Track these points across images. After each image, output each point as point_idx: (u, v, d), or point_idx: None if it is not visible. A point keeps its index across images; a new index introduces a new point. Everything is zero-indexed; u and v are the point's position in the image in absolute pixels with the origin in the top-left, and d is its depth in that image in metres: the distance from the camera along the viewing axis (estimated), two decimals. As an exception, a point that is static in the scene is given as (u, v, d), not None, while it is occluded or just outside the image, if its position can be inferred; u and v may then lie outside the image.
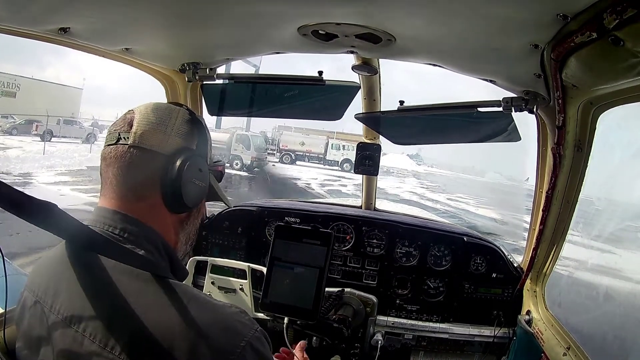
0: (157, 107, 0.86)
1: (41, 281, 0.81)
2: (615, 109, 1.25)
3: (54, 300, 0.76)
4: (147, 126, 0.82)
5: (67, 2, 1.00)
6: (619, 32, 0.76)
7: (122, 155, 0.80)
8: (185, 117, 0.87)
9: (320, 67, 1.58)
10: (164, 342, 0.67)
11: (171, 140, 0.83)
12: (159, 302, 0.70)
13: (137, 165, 0.80)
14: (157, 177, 0.81)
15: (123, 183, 0.81)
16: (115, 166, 0.80)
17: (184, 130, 0.85)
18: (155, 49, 1.45)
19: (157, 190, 0.82)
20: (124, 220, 0.80)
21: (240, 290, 1.85)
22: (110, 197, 0.82)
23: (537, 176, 1.72)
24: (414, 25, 1.10)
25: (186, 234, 0.90)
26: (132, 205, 0.81)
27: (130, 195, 0.81)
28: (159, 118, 0.83)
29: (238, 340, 0.70)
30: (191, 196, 0.84)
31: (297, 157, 26.93)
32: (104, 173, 0.83)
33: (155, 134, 0.82)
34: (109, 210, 0.81)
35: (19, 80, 26.08)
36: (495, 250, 2.01)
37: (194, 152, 0.85)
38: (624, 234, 4.76)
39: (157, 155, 0.81)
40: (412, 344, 1.98)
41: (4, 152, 15.44)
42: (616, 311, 3.05)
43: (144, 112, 0.84)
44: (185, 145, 0.84)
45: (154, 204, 0.82)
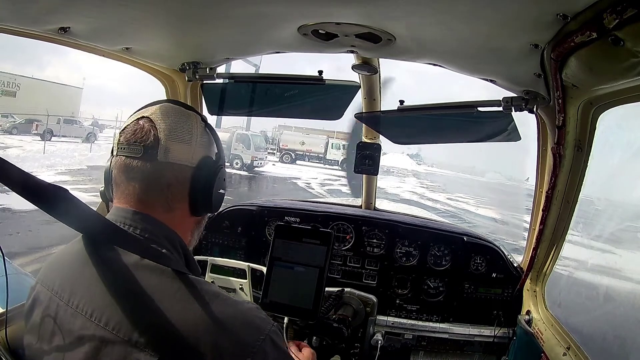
0: (173, 113, 0.86)
1: (56, 276, 0.81)
2: (615, 109, 1.25)
3: (72, 296, 0.76)
4: (171, 139, 0.83)
5: (67, 2, 1.00)
6: (619, 32, 0.76)
7: (149, 171, 0.81)
8: (202, 125, 0.89)
9: (320, 67, 1.58)
10: (188, 336, 0.68)
11: (196, 151, 0.86)
12: (183, 297, 0.71)
13: (166, 179, 0.82)
14: (186, 188, 0.84)
15: (151, 196, 0.82)
16: (143, 182, 0.82)
17: (205, 140, 0.88)
18: (155, 48, 1.45)
19: (185, 201, 0.85)
20: (144, 220, 0.81)
21: (240, 290, 1.85)
22: (132, 203, 0.82)
23: (537, 176, 1.72)
24: (414, 25, 1.10)
25: (198, 233, 0.95)
26: (159, 214, 0.83)
27: (158, 206, 0.83)
28: (181, 128, 0.84)
29: (258, 334, 0.73)
30: (217, 203, 0.90)
31: (297, 157, 26.94)
32: (122, 184, 0.83)
33: (181, 147, 0.83)
34: (129, 211, 0.82)
35: (19, 80, 26.07)
36: (495, 250, 2.01)
37: (217, 163, 0.89)
38: (624, 234, 4.75)
39: (186, 168, 0.84)
40: (412, 343, 1.98)
41: (4, 151, 15.42)
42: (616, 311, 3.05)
43: (163, 122, 0.83)
44: (207, 154, 0.88)
45: (182, 213, 0.86)
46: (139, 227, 0.80)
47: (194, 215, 0.88)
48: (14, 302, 1.04)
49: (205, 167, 0.86)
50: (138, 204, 0.82)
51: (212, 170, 0.87)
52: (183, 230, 0.88)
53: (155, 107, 0.86)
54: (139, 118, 0.84)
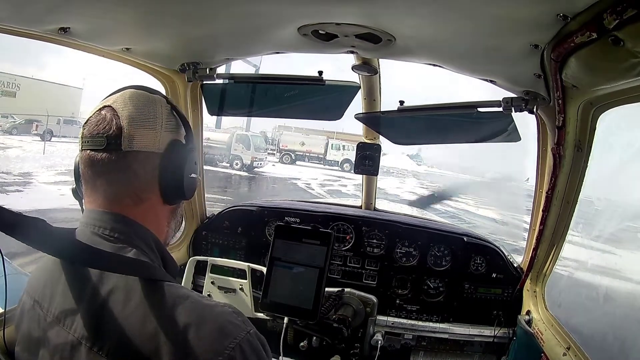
0: (138, 99, 0.81)
1: (38, 285, 0.81)
2: (615, 109, 1.25)
3: (50, 304, 0.76)
4: (137, 127, 0.78)
5: (67, 2, 1.00)
6: (619, 32, 0.76)
7: (115, 162, 0.77)
8: (168, 108, 0.85)
9: (320, 67, 1.58)
10: (149, 341, 0.65)
11: (162, 136, 0.81)
12: (147, 301, 0.69)
13: (133, 169, 0.78)
14: (155, 177, 0.80)
15: (119, 190, 0.79)
16: (110, 175, 0.78)
17: (171, 124, 0.84)
18: (155, 48, 1.45)
19: (155, 189, 0.81)
20: (113, 220, 0.78)
21: (240, 290, 1.85)
22: (100, 202, 0.79)
23: (537, 176, 1.72)
24: (414, 25, 1.10)
25: (176, 221, 0.91)
26: (129, 209, 0.79)
27: (128, 200, 0.79)
28: (146, 114, 0.80)
29: (228, 341, 0.66)
30: (189, 189, 0.86)
31: (297, 157, 26.91)
32: (90, 179, 0.79)
33: (146, 134, 0.79)
34: (98, 212, 0.79)
35: (19, 80, 26.05)
36: (495, 250, 2.01)
37: (186, 146, 0.84)
38: (624, 235, 4.75)
39: (152, 155, 0.80)
40: (412, 344, 1.98)
41: (4, 151, 15.44)
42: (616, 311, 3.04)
43: (126, 109, 0.79)
44: (175, 138, 0.83)
45: (153, 203, 0.82)
46: (108, 227, 0.77)
47: (167, 204, 0.84)
48: (14, 303, 1.04)
49: (174, 151, 0.82)
50: (107, 202, 0.79)
51: (181, 154, 0.83)
52: (157, 223, 0.84)
53: (117, 95, 0.82)
54: (101, 108, 0.80)
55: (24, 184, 10.91)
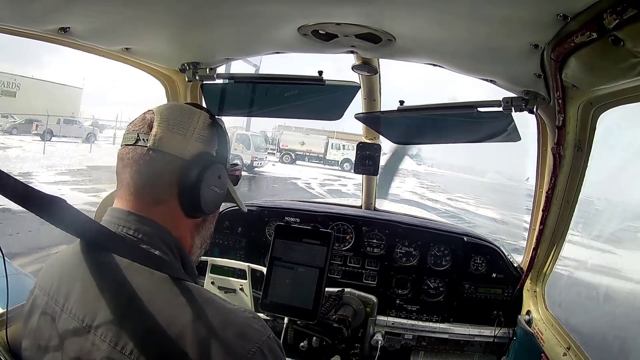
0: (178, 108, 0.86)
1: (53, 280, 0.80)
2: (615, 109, 1.25)
3: (67, 300, 0.75)
4: (167, 129, 0.81)
5: (67, 2, 1.00)
6: (619, 32, 0.76)
7: (140, 158, 0.80)
8: (207, 121, 0.87)
9: (320, 67, 1.58)
10: (175, 341, 0.67)
11: (191, 144, 0.82)
12: (173, 301, 0.70)
13: (155, 168, 0.80)
14: (175, 182, 0.81)
15: (141, 186, 0.80)
16: (133, 168, 0.80)
17: (205, 135, 0.85)
18: (155, 48, 1.45)
19: (174, 195, 0.81)
20: (138, 221, 0.79)
21: (240, 290, 1.85)
22: (126, 199, 0.81)
23: (537, 176, 1.72)
24: (414, 25, 1.10)
25: (201, 237, 0.90)
26: (149, 208, 0.81)
27: (147, 198, 0.81)
28: (180, 121, 0.83)
29: (250, 345, 0.69)
30: (209, 202, 0.84)
31: (297, 157, 26.92)
32: (120, 173, 0.82)
33: (175, 138, 0.81)
34: (123, 211, 0.81)
35: (19, 80, 26.03)
36: (495, 250, 2.01)
37: (214, 159, 0.86)
38: (624, 234, 4.75)
39: (176, 159, 0.81)
40: (412, 344, 1.98)
41: (4, 151, 15.44)
42: (616, 311, 3.05)
43: (164, 114, 0.83)
44: (205, 150, 0.84)
45: (171, 208, 0.82)
46: (132, 227, 0.79)
47: (188, 216, 0.84)
48: (14, 303, 1.04)
49: (199, 161, 0.82)
50: (131, 200, 0.81)
51: (205, 165, 0.82)
52: (180, 232, 0.84)
53: (165, 104, 0.87)
54: (146, 112, 0.85)
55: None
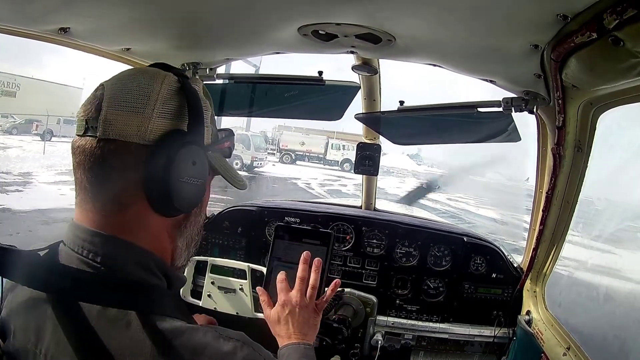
0: (131, 77, 0.65)
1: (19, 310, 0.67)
2: (615, 109, 1.25)
3: (39, 341, 0.63)
4: (119, 108, 0.62)
5: (67, 2, 1.00)
6: (619, 32, 0.76)
7: (91, 153, 0.62)
8: (172, 87, 0.66)
9: (320, 67, 1.58)
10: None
11: (153, 123, 0.63)
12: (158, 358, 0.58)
13: (111, 164, 0.62)
14: (139, 177, 0.62)
15: (98, 189, 0.63)
16: (87, 167, 0.62)
17: (170, 107, 0.65)
18: (155, 49, 1.45)
19: (140, 194, 0.63)
20: (106, 244, 0.63)
21: (240, 291, 1.85)
22: (88, 210, 0.65)
23: (537, 176, 1.72)
24: (414, 25, 1.10)
25: (185, 238, 0.73)
26: (113, 219, 0.64)
27: (109, 206, 0.64)
28: (135, 94, 0.63)
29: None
30: (184, 199, 0.66)
31: (297, 157, 26.93)
32: (76, 172, 0.64)
33: (130, 118, 0.62)
34: (88, 231, 0.64)
35: (19, 80, 26.06)
36: (495, 250, 2.01)
37: (185, 138, 0.65)
38: (624, 234, 4.75)
39: (137, 147, 0.62)
40: (412, 344, 1.98)
41: (4, 151, 15.44)
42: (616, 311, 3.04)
43: (114, 88, 0.64)
44: (173, 128, 0.64)
45: (139, 212, 0.64)
46: (99, 252, 0.63)
47: (163, 216, 0.66)
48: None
49: (165, 146, 0.62)
50: (92, 210, 0.64)
51: (176, 149, 0.62)
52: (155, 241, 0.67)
53: (117, 74, 0.67)
54: (97, 87, 0.65)
55: (24, 183, 10.91)
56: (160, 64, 0.71)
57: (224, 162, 0.78)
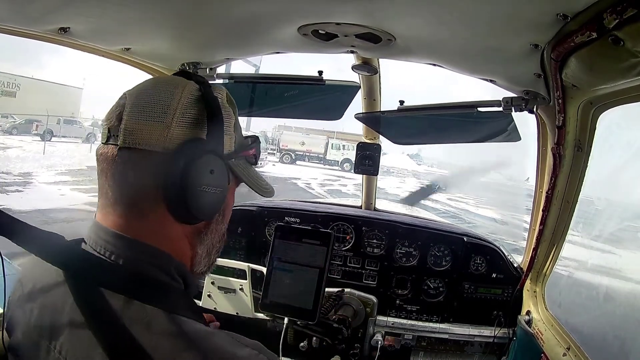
0: (154, 85, 0.68)
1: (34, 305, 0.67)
2: (615, 109, 1.25)
3: (53, 336, 0.63)
4: (139, 117, 0.64)
5: (67, 2, 1.00)
6: (619, 32, 0.76)
7: (113, 160, 0.64)
8: (193, 96, 0.67)
9: (320, 67, 1.58)
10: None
11: (172, 132, 0.64)
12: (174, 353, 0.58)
13: (133, 173, 0.64)
14: (159, 185, 0.64)
15: (120, 196, 0.65)
16: (108, 174, 0.65)
17: (190, 116, 0.66)
18: (155, 49, 1.45)
19: (161, 202, 0.65)
20: (130, 247, 0.65)
21: (240, 291, 1.85)
22: (109, 213, 0.66)
23: (537, 176, 1.72)
24: (414, 25, 1.10)
25: (206, 245, 0.73)
26: (136, 224, 0.65)
27: (132, 212, 0.65)
28: (156, 103, 0.65)
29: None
30: (203, 207, 0.66)
31: (297, 157, 26.92)
32: (99, 178, 0.67)
33: (151, 127, 0.63)
34: (109, 232, 0.65)
35: (19, 80, 26.03)
36: (495, 250, 2.01)
37: (204, 147, 0.66)
38: (624, 234, 4.75)
39: (157, 155, 0.63)
40: (412, 344, 1.98)
41: (4, 151, 15.44)
42: (616, 311, 3.04)
43: (136, 96, 0.66)
44: (192, 137, 0.65)
45: (159, 219, 0.66)
46: (121, 255, 0.64)
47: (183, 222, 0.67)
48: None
49: (187, 153, 0.63)
50: (114, 214, 0.66)
51: (196, 157, 0.63)
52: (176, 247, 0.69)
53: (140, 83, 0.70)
54: (121, 96, 0.68)
55: (24, 184, 10.91)
56: (182, 72, 0.73)
57: (249, 169, 0.79)
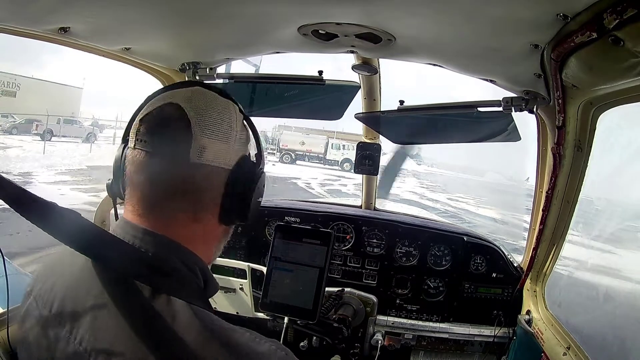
0: (212, 103, 0.71)
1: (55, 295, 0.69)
2: (615, 109, 1.25)
3: (74, 326, 0.64)
4: (211, 137, 0.68)
5: (67, 2, 1.00)
6: (619, 32, 0.76)
7: (177, 173, 0.68)
8: (241, 118, 0.74)
9: (320, 67, 1.58)
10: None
11: (234, 151, 0.71)
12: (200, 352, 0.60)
13: (197, 186, 0.69)
14: (218, 196, 0.70)
15: (174, 204, 0.69)
16: (169, 186, 0.68)
17: (244, 137, 0.74)
18: (155, 48, 1.45)
19: (215, 210, 0.71)
20: (158, 244, 0.68)
21: (240, 290, 1.85)
22: (140, 214, 0.69)
23: (537, 176, 1.72)
24: (414, 25, 1.10)
25: (224, 243, 0.82)
26: (178, 228, 0.69)
27: (182, 218, 0.69)
28: (222, 123, 0.69)
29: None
30: (253, 213, 0.76)
31: (297, 157, 26.92)
32: (139, 185, 0.69)
33: (220, 146, 0.69)
34: (138, 228, 0.68)
35: (19, 80, 26.03)
36: (495, 250, 2.01)
37: (257, 165, 0.75)
38: (624, 234, 4.75)
39: (221, 171, 0.70)
40: (412, 343, 1.98)
41: (4, 151, 15.45)
42: (616, 311, 3.04)
43: (201, 113, 0.68)
44: (245, 154, 0.73)
45: (208, 224, 0.72)
46: (150, 251, 0.67)
47: (223, 224, 0.75)
48: (14, 303, 1.04)
49: (244, 169, 0.72)
50: (155, 217, 0.69)
51: (252, 174, 0.73)
52: (206, 246, 0.75)
53: (185, 91, 0.71)
54: (166, 104, 0.69)
55: (24, 183, 10.90)
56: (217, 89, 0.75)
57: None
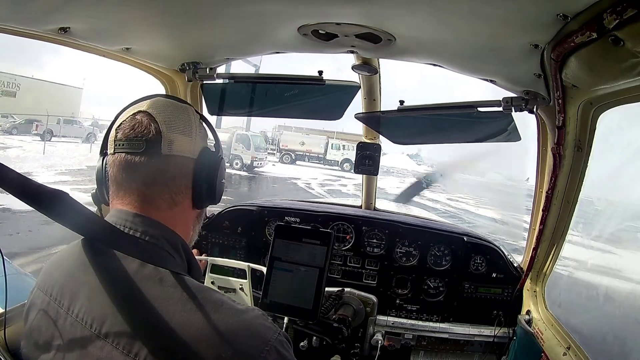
0: (172, 107, 0.86)
1: (55, 281, 0.80)
2: (615, 109, 1.25)
3: (71, 303, 0.74)
4: (175, 132, 0.82)
5: (67, 2, 1.00)
6: (619, 32, 0.76)
7: (154, 165, 0.80)
8: (198, 117, 0.90)
9: (320, 67, 1.58)
10: (189, 347, 0.67)
11: (196, 143, 0.86)
12: (184, 308, 0.70)
13: (172, 173, 0.82)
14: (189, 181, 0.85)
15: (155, 192, 0.81)
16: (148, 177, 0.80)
17: (202, 132, 0.90)
18: (155, 48, 1.45)
19: (188, 194, 0.85)
20: (145, 223, 0.80)
21: (240, 290, 1.85)
22: (130, 203, 0.81)
23: (537, 176, 1.72)
24: (414, 25, 1.10)
25: (199, 225, 0.94)
26: (159, 211, 0.82)
27: (162, 203, 0.82)
28: (183, 121, 0.84)
29: (262, 344, 0.70)
30: (220, 193, 0.91)
31: (297, 157, 26.92)
32: (124, 182, 0.81)
33: (184, 140, 0.83)
34: (129, 213, 0.80)
35: (19, 80, 26.02)
36: (495, 250, 2.01)
37: (216, 153, 0.90)
38: (624, 234, 4.75)
39: (189, 161, 0.84)
40: (412, 343, 1.98)
41: (4, 151, 15.44)
42: (616, 311, 3.05)
43: (165, 115, 0.83)
44: (205, 146, 0.89)
45: (184, 207, 0.85)
46: (139, 229, 0.79)
47: (196, 208, 0.89)
48: (14, 302, 1.04)
49: (206, 158, 0.87)
50: (140, 204, 0.81)
51: (213, 161, 0.88)
52: (185, 227, 0.87)
53: (149, 102, 0.85)
54: (135, 113, 0.82)
55: (24, 183, 10.89)
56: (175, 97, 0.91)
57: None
